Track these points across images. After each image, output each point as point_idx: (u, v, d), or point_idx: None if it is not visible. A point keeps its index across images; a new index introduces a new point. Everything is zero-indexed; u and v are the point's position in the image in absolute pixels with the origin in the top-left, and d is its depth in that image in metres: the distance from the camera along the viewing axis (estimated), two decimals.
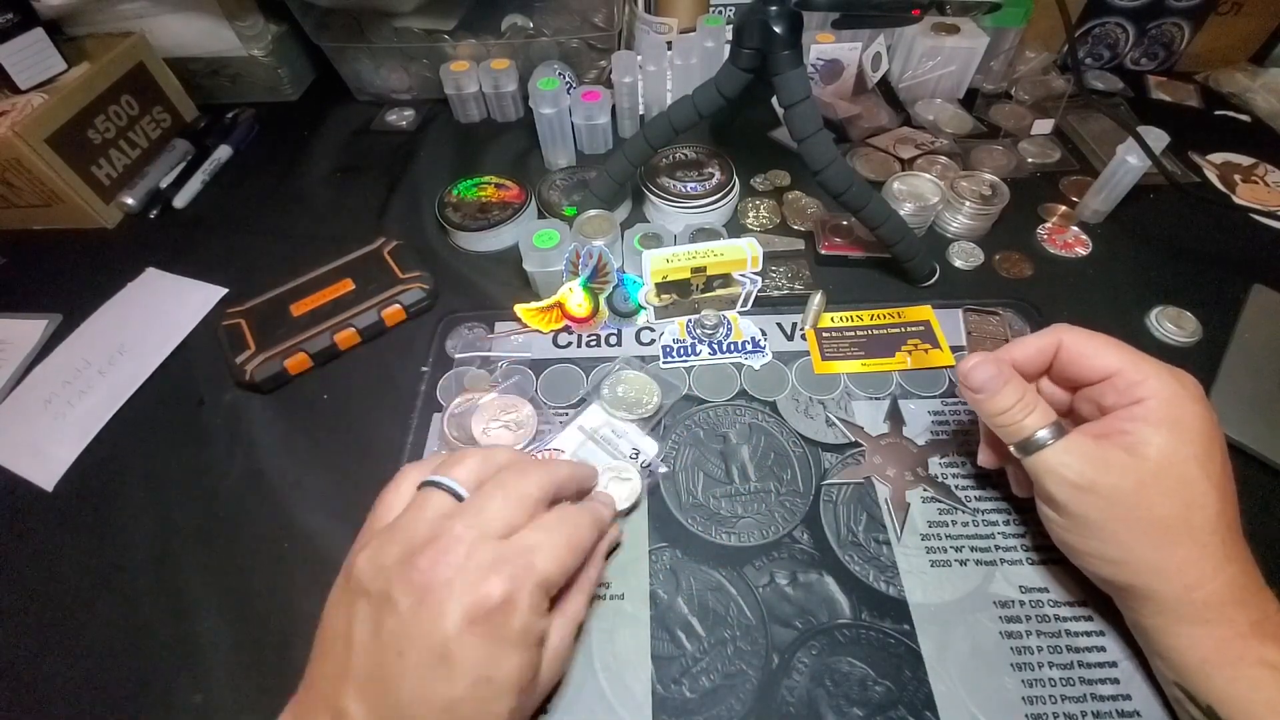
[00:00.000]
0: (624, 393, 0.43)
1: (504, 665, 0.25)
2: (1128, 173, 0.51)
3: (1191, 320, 0.47)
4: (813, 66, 0.63)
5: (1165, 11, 0.68)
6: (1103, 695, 0.32)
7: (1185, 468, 0.28)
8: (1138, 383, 0.30)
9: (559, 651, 0.29)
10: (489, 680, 0.25)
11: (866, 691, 0.32)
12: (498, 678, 0.25)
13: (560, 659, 0.29)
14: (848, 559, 0.36)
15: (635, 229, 0.50)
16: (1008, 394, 0.31)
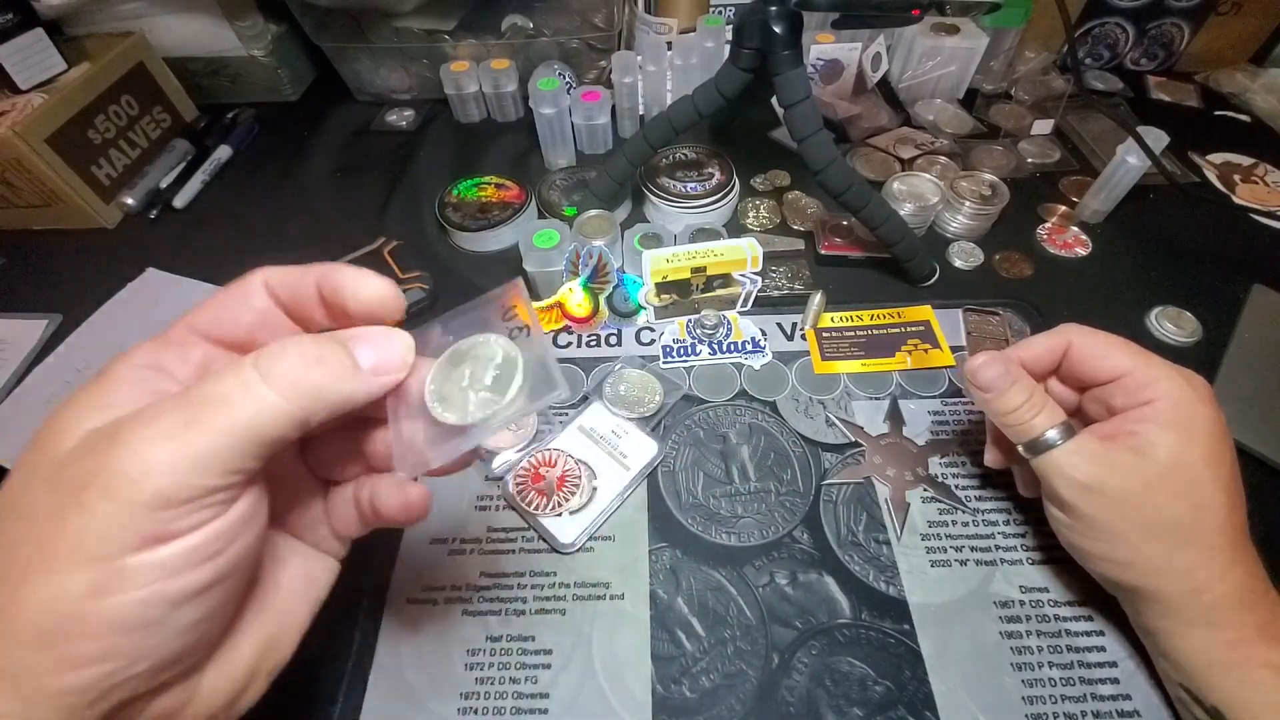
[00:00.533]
0: (626, 391, 0.43)
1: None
2: (1128, 173, 0.51)
3: (1191, 320, 0.47)
4: (813, 66, 0.63)
5: (1165, 11, 0.68)
6: (1103, 695, 0.32)
7: (1194, 470, 0.28)
8: (1147, 384, 0.30)
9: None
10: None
11: (866, 691, 0.32)
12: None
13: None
14: (848, 559, 0.36)
15: (635, 229, 0.50)
16: (1016, 393, 0.31)
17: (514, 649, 0.34)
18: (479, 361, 0.23)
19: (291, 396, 0.18)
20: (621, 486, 0.38)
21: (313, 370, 0.19)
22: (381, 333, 0.22)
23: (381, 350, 0.21)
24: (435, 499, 0.39)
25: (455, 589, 0.36)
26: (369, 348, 0.21)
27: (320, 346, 0.20)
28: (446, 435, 0.22)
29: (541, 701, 0.32)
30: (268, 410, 0.18)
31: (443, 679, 0.33)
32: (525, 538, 0.37)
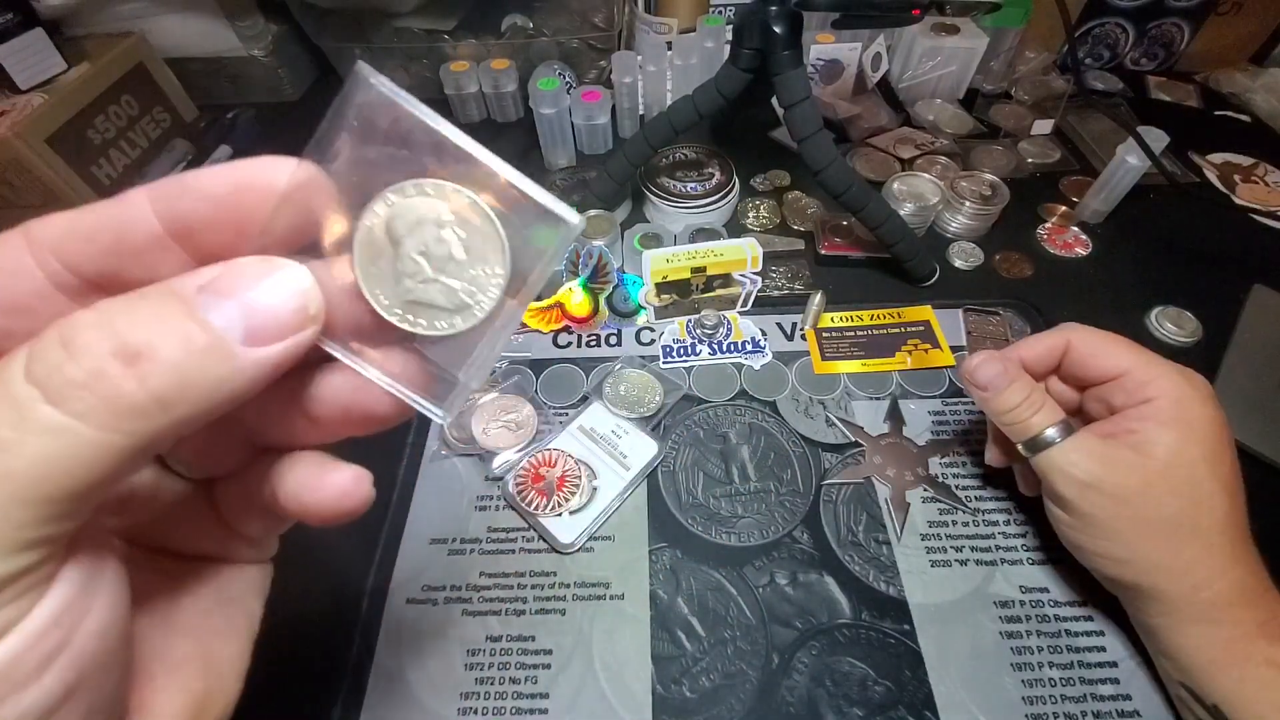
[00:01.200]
0: (626, 391, 0.43)
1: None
2: (1128, 173, 0.51)
3: (1191, 320, 0.47)
4: (813, 66, 0.63)
5: (1165, 11, 0.68)
6: (1103, 695, 0.32)
7: (1193, 468, 0.28)
8: (1147, 382, 0.30)
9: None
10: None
11: (866, 691, 0.32)
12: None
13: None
14: (848, 559, 0.36)
15: (635, 229, 0.50)
16: (1014, 392, 0.31)
17: (514, 649, 0.34)
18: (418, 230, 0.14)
19: (111, 422, 0.11)
20: (621, 486, 0.38)
21: (145, 369, 0.11)
22: (250, 266, 0.13)
23: (257, 298, 0.12)
24: (435, 499, 0.39)
25: (455, 589, 0.36)
26: (227, 300, 0.12)
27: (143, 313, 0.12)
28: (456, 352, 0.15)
29: (541, 701, 0.32)
30: (74, 448, 0.11)
31: (443, 679, 0.33)
32: (525, 538, 0.37)
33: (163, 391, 0.11)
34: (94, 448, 0.11)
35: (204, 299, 0.12)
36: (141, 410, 0.11)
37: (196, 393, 0.12)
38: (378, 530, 0.38)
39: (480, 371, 0.15)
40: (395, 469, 0.40)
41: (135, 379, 0.11)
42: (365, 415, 0.16)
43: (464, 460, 0.41)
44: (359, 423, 0.16)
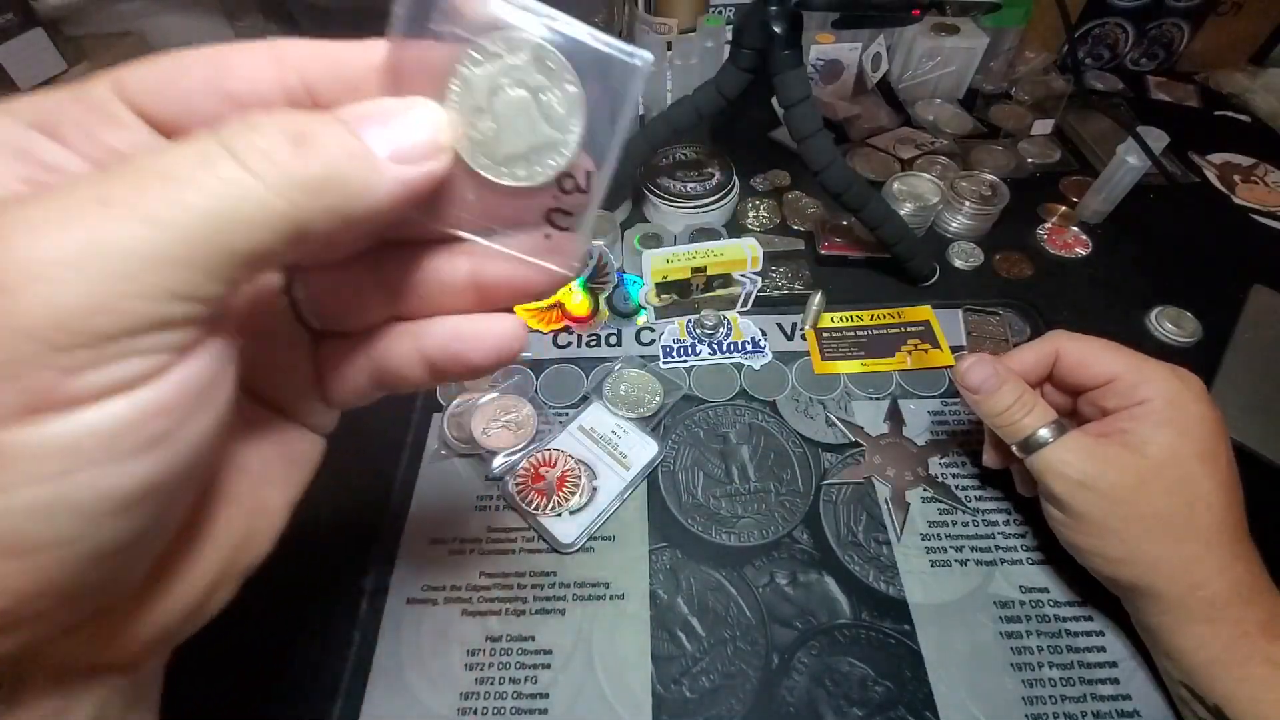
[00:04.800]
0: (626, 391, 0.43)
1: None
2: (1128, 173, 0.51)
3: (1191, 320, 0.47)
4: (813, 66, 0.63)
5: (1165, 12, 0.68)
6: (1103, 695, 0.32)
7: (1187, 466, 0.28)
8: (1139, 384, 0.30)
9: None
10: None
11: (866, 691, 0.32)
12: None
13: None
14: (848, 559, 0.36)
15: (635, 229, 0.50)
16: (1005, 393, 0.32)
17: (514, 649, 0.34)
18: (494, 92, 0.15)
19: (279, 186, 0.12)
20: (621, 486, 0.38)
21: (309, 153, 0.12)
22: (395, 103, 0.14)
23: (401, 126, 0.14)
24: (435, 499, 0.39)
25: (455, 589, 0.36)
26: (378, 126, 0.14)
27: (313, 121, 0.13)
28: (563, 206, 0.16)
29: (541, 701, 0.32)
30: (244, 201, 0.12)
31: (443, 679, 0.33)
32: (525, 538, 0.37)
33: (322, 175, 0.12)
34: (260, 207, 0.12)
35: (358, 123, 0.13)
36: (303, 184, 0.12)
37: (347, 188, 0.13)
38: (378, 530, 0.38)
39: (589, 224, 0.16)
40: (395, 469, 0.40)
41: (303, 156, 0.12)
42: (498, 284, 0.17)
43: (464, 460, 0.41)
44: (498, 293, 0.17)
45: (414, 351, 0.17)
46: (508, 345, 0.17)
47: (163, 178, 0.11)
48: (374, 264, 0.17)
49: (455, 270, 0.17)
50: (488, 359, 0.17)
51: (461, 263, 0.17)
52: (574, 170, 0.15)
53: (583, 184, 0.16)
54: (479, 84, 0.15)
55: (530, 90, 0.15)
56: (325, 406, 0.19)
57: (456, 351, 0.17)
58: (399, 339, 0.17)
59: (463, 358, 0.17)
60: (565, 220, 0.16)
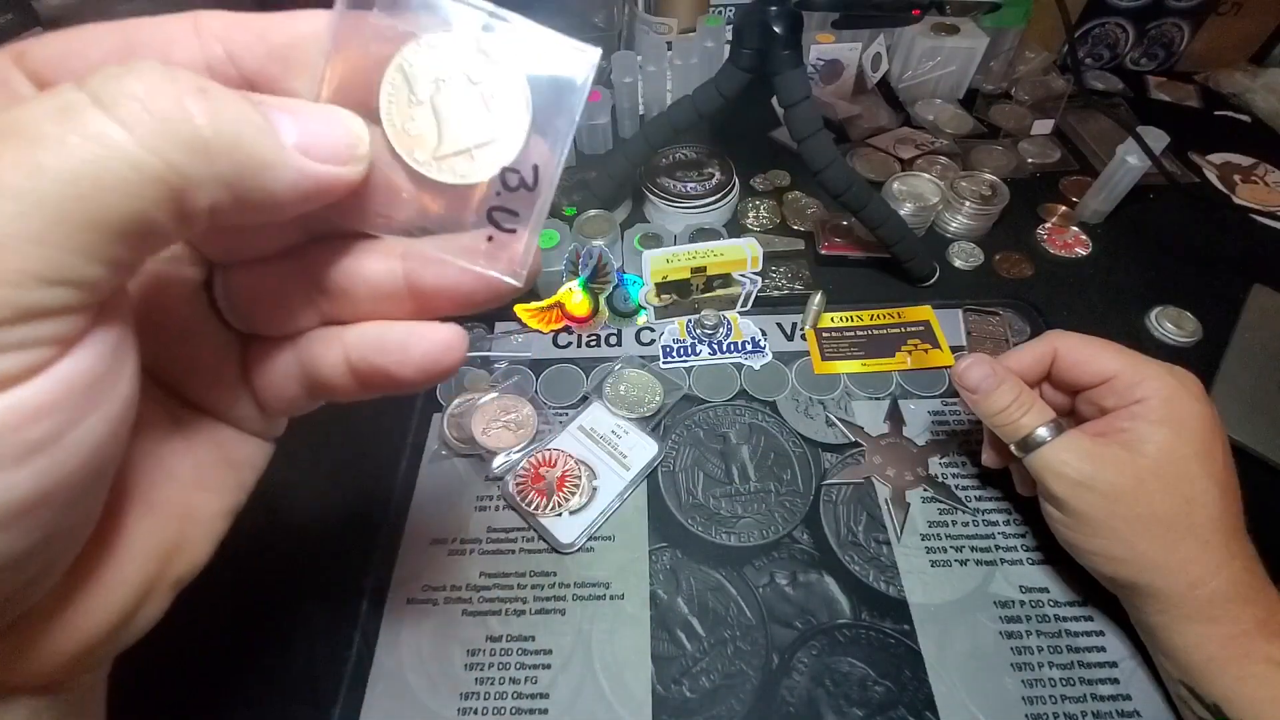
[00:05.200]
0: (626, 391, 0.43)
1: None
2: (1128, 173, 0.51)
3: (1191, 320, 0.47)
4: (813, 66, 0.63)
5: (1165, 12, 0.68)
6: (1103, 695, 0.32)
7: (1185, 465, 0.28)
8: (1137, 383, 0.30)
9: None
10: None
11: (866, 691, 0.32)
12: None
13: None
14: (848, 559, 0.36)
15: (635, 229, 0.50)
16: (1003, 393, 0.32)
17: (514, 649, 0.34)
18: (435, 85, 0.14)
19: (155, 143, 0.10)
20: (621, 486, 0.38)
21: (191, 102, 0.11)
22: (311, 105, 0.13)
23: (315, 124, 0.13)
24: (435, 499, 0.39)
25: (455, 589, 0.36)
26: (290, 117, 0.12)
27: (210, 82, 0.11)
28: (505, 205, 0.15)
29: (541, 701, 0.32)
30: (111, 160, 0.10)
31: (443, 679, 0.33)
32: (525, 538, 0.37)
33: (211, 135, 0.11)
34: (132, 167, 0.10)
35: (266, 106, 0.12)
36: (187, 141, 0.11)
37: (241, 157, 0.11)
38: (378, 530, 0.38)
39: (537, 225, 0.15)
40: (395, 469, 0.40)
41: (190, 109, 0.11)
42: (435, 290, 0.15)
43: (464, 460, 0.41)
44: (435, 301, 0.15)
45: (341, 361, 0.15)
46: (437, 360, 0.15)
47: (14, 137, 0.09)
48: (300, 262, 0.15)
49: (388, 273, 0.15)
50: (413, 375, 0.15)
51: (395, 264, 0.15)
52: (519, 166, 0.14)
53: (529, 180, 0.14)
54: (419, 75, 0.14)
55: (474, 83, 0.14)
56: (259, 413, 0.17)
57: (379, 365, 0.15)
58: (327, 345, 0.16)
59: (386, 372, 0.15)
60: (510, 220, 0.15)
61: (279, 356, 0.16)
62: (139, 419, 0.14)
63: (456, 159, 0.14)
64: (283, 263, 0.15)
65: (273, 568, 0.37)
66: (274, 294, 0.16)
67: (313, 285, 0.15)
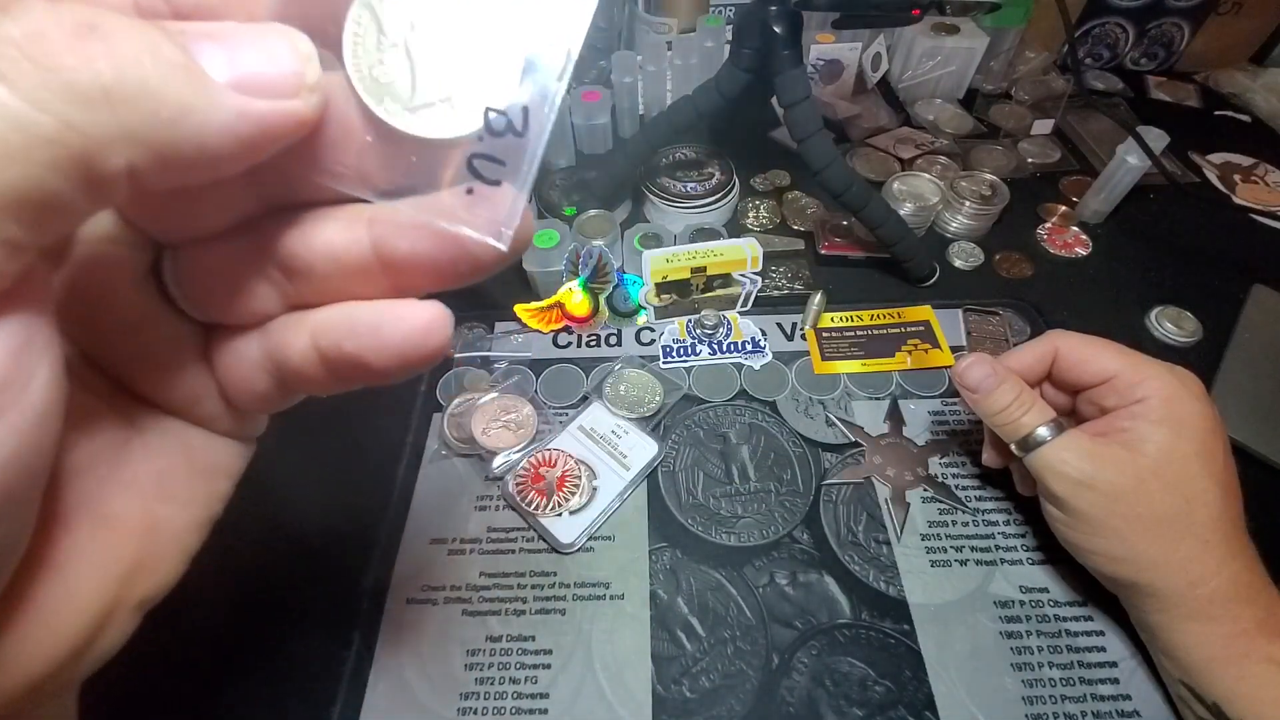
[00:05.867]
0: (626, 391, 0.43)
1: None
2: (1128, 173, 0.51)
3: (1191, 320, 0.47)
4: (813, 66, 0.63)
5: (1165, 11, 0.68)
6: (1103, 695, 0.32)
7: (1185, 464, 0.28)
8: (1138, 383, 0.30)
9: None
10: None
11: (866, 691, 0.32)
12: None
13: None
14: (848, 559, 0.36)
15: (635, 229, 0.50)
16: (1003, 393, 0.32)
17: (514, 649, 0.34)
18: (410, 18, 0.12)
19: (43, 96, 0.09)
20: (621, 486, 0.38)
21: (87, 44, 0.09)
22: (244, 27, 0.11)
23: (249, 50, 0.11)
24: (435, 499, 0.39)
25: (455, 589, 0.36)
26: (217, 45, 0.10)
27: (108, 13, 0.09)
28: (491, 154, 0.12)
29: (541, 701, 0.32)
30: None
31: (442, 679, 0.33)
32: (525, 538, 0.37)
33: (113, 82, 0.09)
34: (19, 129, 0.08)
35: (185, 38, 0.10)
36: (83, 94, 0.09)
37: (154, 108, 0.09)
38: (378, 530, 0.38)
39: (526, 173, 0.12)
40: (395, 469, 0.40)
41: (82, 54, 0.09)
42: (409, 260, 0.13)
43: (464, 460, 0.41)
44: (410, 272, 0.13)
45: (311, 349, 0.13)
46: (417, 345, 0.13)
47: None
48: (256, 237, 0.13)
49: (354, 242, 0.13)
50: (390, 363, 0.13)
51: (362, 232, 0.13)
52: (507, 108, 0.12)
53: (518, 124, 0.12)
54: (390, 11, 0.12)
55: (454, 21, 0.12)
56: (228, 411, 0.15)
57: (351, 352, 0.13)
58: (294, 331, 0.14)
59: (359, 360, 0.13)
60: (494, 170, 0.12)
61: (243, 347, 0.14)
62: (85, 423, 0.13)
63: (434, 109, 0.12)
64: (237, 239, 0.13)
65: (272, 568, 0.37)
66: (229, 276, 0.14)
67: (271, 263, 0.13)
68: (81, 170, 0.09)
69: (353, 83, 0.12)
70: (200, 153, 0.10)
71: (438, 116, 0.12)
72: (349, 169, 0.13)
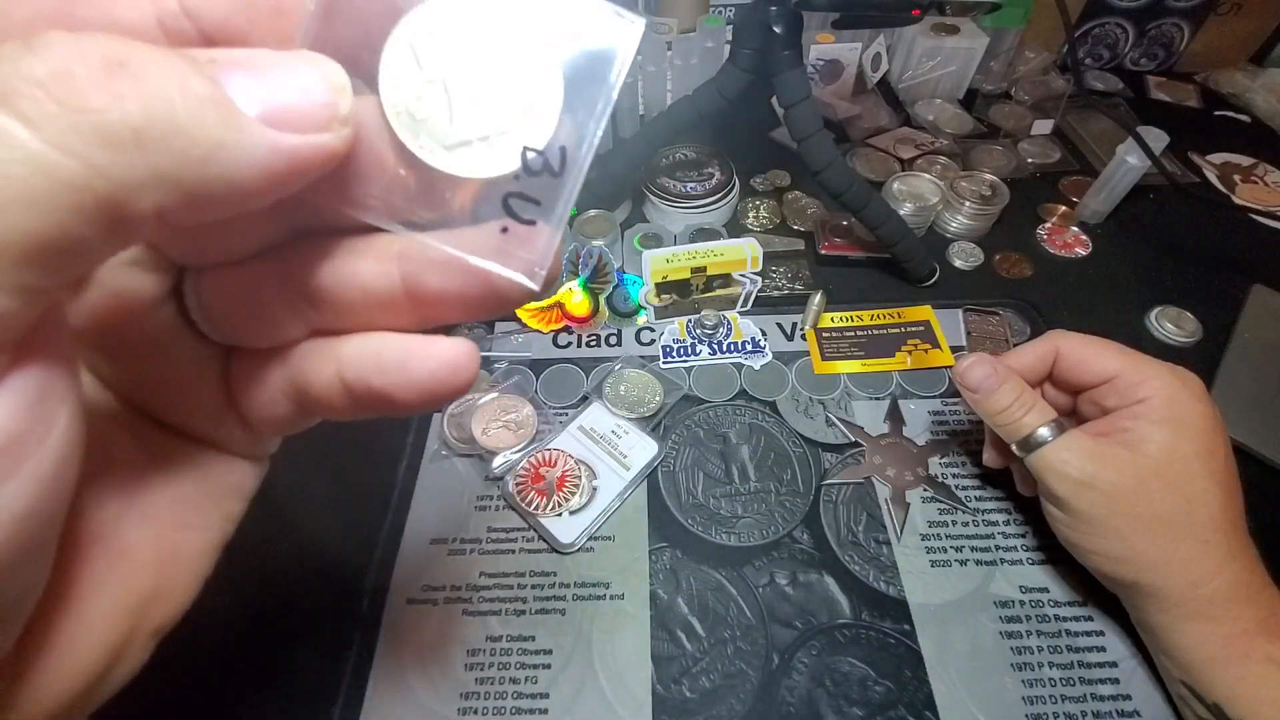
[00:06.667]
0: (626, 391, 0.43)
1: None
2: (1128, 173, 0.51)
3: (1191, 320, 0.47)
4: (813, 66, 0.63)
5: (1165, 12, 0.68)
6: (1103, 695, 0.32)
7: (1186, 464, 0.28)
8: (1139, 383, 0.30)
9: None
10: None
11: (866, 691, 0.32)
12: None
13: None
14: (848, 559, 0.36)
15: (635, 229, 0.50)
16: (1005, 392, 0.32)
17: (514, 649, 0.34)
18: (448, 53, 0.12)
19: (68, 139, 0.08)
20: (621, 486, 0.38)
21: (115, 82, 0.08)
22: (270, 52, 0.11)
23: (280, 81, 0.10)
24: (435, 499, 0.39)
25: (455, 589, 0.36)
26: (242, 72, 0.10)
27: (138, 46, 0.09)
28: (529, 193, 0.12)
29: (541, 701, 0.32)
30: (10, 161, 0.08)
31: (443, 679, 0.33)
32: (525, 538, 0.37)
33: (143, 122, 0.08)
34: (40, 173, 0.08)
35: (216, 67, 0.10)
36: (111, 135, 0.08)
37: (185, 147, 0.09)
38: (378, 530, 0.38)
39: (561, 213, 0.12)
40: (395, 469, 0.40)
41: (110, 93, 0.08)
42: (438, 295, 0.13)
43: (464, 460, 0.41)
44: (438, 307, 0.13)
45: (335, 379, 0.13)
46: (443, 382, 0.13)
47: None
48: (281, 263, 0.13)
49: (383, 276, 0.13)
50: (415, 399, 0.13)
51: (391, 266, 0.13)
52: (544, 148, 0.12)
53: (554, 164, 0.12)
54: (428, 46, 0.11)
55: (494, 54, 0.12)
56: (244, 431, 0.15)
57: (378, 388, 0.13)
58: (319, 360, 0.13)
59: (385, 394, 0.13)
60: (529, 210, 0.12)
61: (264, 370, 0.14)
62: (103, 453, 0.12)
63: (471, 147, 0.12)
64: (262, 264, 0.13)
65: (273, 567, 0.37)
66: (253, 301, 0.13)
67: (297, 291, 0.13)
68: (107, 214, 0.09)
69: (388, 116, 0.12)
70: (230, 189, 0.10)
71: (475, 155, 0.12)
72: (378, 201, 0.12)
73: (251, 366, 0.14)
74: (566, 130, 0.12)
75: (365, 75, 0.12)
